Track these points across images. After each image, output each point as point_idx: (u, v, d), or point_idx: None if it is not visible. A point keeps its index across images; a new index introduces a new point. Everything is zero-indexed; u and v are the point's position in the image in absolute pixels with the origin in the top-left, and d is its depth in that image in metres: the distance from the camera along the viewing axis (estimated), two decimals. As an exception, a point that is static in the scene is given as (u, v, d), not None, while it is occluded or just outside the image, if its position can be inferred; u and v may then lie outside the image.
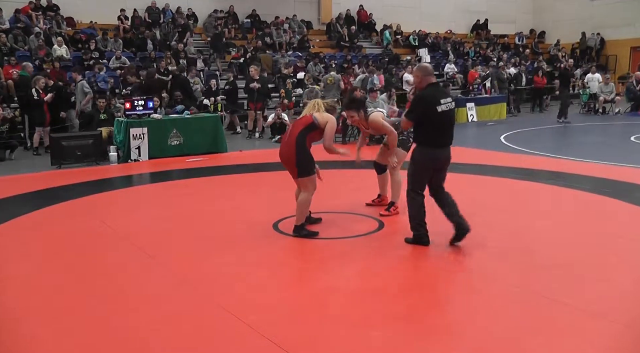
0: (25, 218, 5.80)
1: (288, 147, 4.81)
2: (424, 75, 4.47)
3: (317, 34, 20.62)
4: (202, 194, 6.96)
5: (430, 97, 4.39)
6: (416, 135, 4.54)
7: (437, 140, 4.44)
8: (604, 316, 3.29)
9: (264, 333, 3.12)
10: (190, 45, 16.25)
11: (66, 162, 8.95)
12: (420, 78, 4.48)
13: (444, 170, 4.58)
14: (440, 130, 4.43)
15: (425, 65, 4.66)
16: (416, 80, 4.57)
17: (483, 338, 3.08)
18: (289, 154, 4.80)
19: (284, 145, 4.87)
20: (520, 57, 20.75)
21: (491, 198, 6.40)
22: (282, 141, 4.93)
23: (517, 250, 4.56)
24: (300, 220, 4.91)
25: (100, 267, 4.33)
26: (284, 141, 4.91)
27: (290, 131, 4.89)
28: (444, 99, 4.40)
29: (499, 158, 9.08)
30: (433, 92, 4.43)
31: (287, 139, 4.85)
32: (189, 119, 10.20)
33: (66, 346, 3.09)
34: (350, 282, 3.96)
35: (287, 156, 4.82)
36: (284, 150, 4.87)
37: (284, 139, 4.92)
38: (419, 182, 4.50)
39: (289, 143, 4.81)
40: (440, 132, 4.43)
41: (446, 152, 4.51)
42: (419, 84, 4.52)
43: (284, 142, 4.89)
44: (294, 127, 4.90)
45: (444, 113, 4.39)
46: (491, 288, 3.76)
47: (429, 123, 4.37)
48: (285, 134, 4.98)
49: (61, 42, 13.84)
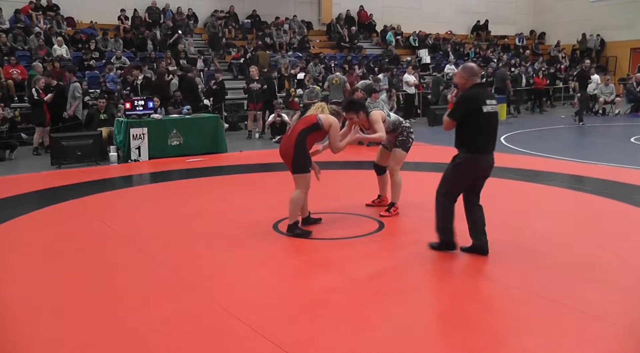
0: (25, 218, 5.80)
1: (288, 143, 4.90)
2: (469, 76, 4.26)
3: (317, 34, 20.63)
4: (202, 194, 6.96)
5: (476, 96, 4.21)
6: (459, 138, 4.30)
7: (482, 144, 4.22)
8: (604, 318, 3.29)
9: (264, 333, 3.12)
10: (191, 45, 16.26)
11: (66, 162, 8.95)
12: (466, 79, 4.27)
13: (485, 178, 4.35)
14: (486, 132, 4.23)
15: (470, 66, 4.39)
16: (461, 81, 4.34)
17: (483, 339, 3.07)
18: (287, 149, 4.90)
19: (284, 141, 4.98)
20: (521, 58, 20.77)
21: (491, 199, 6.38)
22: (284, 136, 5.04)
23: (517, 251, 4.56)
24: (293, 219, 4.96)
25: (100, 267, 4.33)
26: (285, 136, 5.02)
27: (293, 127, 5.00)
28: (489, 100, 4.23)
29: (498, 159, 9.01)
30: (478, 91, 4.26)
31: (289, 135, 4.96)
32: (189, 119, 10.20)
33: (66, 346, 3.08)
34: (350, 282, 3.96)
35: (286, 151, 4.92)
36: (283, 146, 4.97)
37: (286, 134, 5.04)
38: (456, 188, 4.30)
39: (289, 139, 4.91)
40: (485, 135, 4.23)
41: (490, 158, 4.29)
42: (463, 84, 4.31)
43: (286, 137, 5.00)
44: (297, 124, 4.99)
45: (490, 114, 4.20)
46: (491, 289, 3.76)
47: (474, 124, 4.16)
48: (288, 130, 5.09)
49: (61, 42, 13.85)
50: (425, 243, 4.78)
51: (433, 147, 10.70)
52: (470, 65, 4.39)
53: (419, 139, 11.91)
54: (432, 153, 9.93)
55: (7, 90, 11.74)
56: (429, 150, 10.37)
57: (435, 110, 14.91)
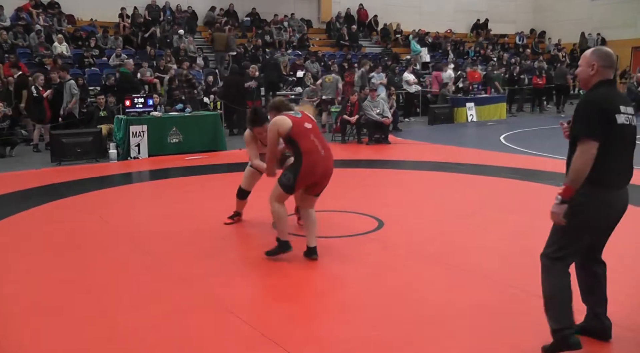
0: (24, 215, 5.81)
1: (331, 160, 4.21)
2: (603, 64, 2.77)
3: (317, 32, 20.62)
4: (201, 192, 6.97)
5: (608, 99, 2.73)
6: None
7: (614, 173, 2.73)
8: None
9: (264, 332, 3.14)
10: (191, 43, 16.25)
11: (66, 159, 8.96)
12: (597, 68, 2.77)
13: (613, 228, 2.91)
14: (620, 155, 2.74)
15: (606, 51, 2.83)
16: (587, 71, 2.80)
17: (482, 339, 3.09)
18: (332, 168, 4.24)
19: (328, 160, 4.16)
20: (521, 57, 20.77)
21: (491, 199, 6.42)
22: (320, 157, 4.10)
23: (516, 250, 4.58)
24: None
25: (100, 264, 4.34)
26: (326, 155, 4.15)
27: (322, 142, 4.19)
28: (624, 106, 2.75)
29: (498, 158, 9.09)
30: (610, 93, 2.77)
31: (327, 150, 4.18)
32: (189, 117, 10.21)
33: (64, 342, 3.10)
34: (349, 280, 3.98)
35: (331, 170, 4.22)
36: (330, 164, 4.19)
37: (322, 155, 4.12)
38: (574, 247, 2.80)
39: (331, 156, 4.21)
40: (620, 158, 2.74)
41: (625, 196, 2.83)
42: (590, 78, 2.80)
43: (327, 156, 4.16)
44: (320, 136, 4.23)
45: (625, 128, 2.72)
46: (491, 289, 3.77)
47: (604, 143, 2.65)
48: (316, 146, 4.10)
49: (61, 39, 13.85)
50: (424, 242, 4.79)
51: (432, 145, 10.72)
52: (605, 51, 2.83)
53: (418, 137, 12.01)
54: (431, 152, 9.95)
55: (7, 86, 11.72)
56: (429, 148, 10.39)
57: (434, 109, 14.93)
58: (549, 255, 2.82)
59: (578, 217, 2.70)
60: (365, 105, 11.08)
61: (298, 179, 4.06)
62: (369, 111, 10.98)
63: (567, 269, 2.80)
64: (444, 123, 14.43)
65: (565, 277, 2.79)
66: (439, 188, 7.06)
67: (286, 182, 4.11)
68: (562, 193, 2.69)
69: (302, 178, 4.07)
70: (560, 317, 2.76)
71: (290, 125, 4.05)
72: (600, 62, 2.76)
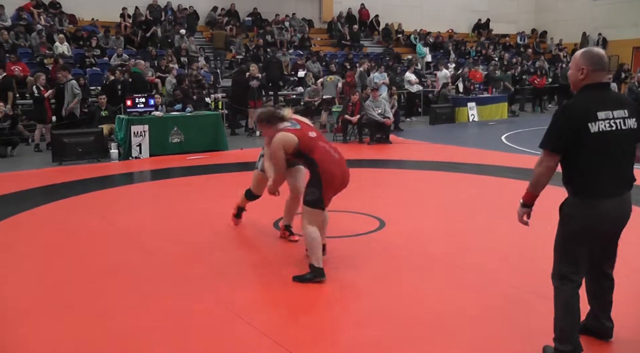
0: (26, 215, 5.81)
1: (344, 161, 4.06)
2: (593, 68, 2.66)
3: (319, 32, 20.61)
4: (202, 192, 6.96)
5: (580, 110, 2.63)
6: (565, 173, 2.82)
7: (600, 182, 2.66)
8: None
9: (265, 332, 3.13)
10: (192, 43, 16.25)
11: (67, 159, 8.96)
12: (586, 73, 2.67)
13: (614, 238, 2.86)
14: (605, 162, 2.65)
15: (597, 53, 2.70)
16: (577, 75, 2.70)
17: (483, 339, 3.08)
18: (347, 168, 4.06)
19: (342, 161, 4.01)
20: (522, 57, 20.75)
21: (492, 198, 6.41)
22: (335, 161, 3.94)
23: (517, 250, 4.58)
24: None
25: (101, 264, 4.34)
26: (340, 157, 4.01)
27: (330, 145, 4.06)
28: (607, 111, 2.63)
29: (500, 158, 9.08)
30: (588, 100, 2.66)
31: (338, 152, 4.04)
32: (190, 117, 10.21)
33: (67, 342, 3.10)
34: (352, 281, 3.97)
35: (348, 171, 4.06)
36: (345, 165, 4.03)
37: (337, 158, 3.97)
38: (567, 257, 2.75)
39: (342, 156, 4.05)
40: (605, 166, 2.65)
41: (621, 205, 2.72)
42: (579, 81, 2.71)
43: (340, 158, 4.02)
44: (325, 140, 4.11)
45: (607, 135, 2.61)
46: (493, 289, 3.77)
47: (579, 153, 2.66)
48: (328, 151, 3.96)
49: (63, 39, 13.84)
50: (426, 242, 4.79)
51: (434, 145, 10.71)
52: (597, 53, 2.70)
53: (419, 137, 12.00)
54: (433, 151, 9.94)
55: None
56: (430, 148, 10.38)
57: (436, 109, 14.92)
58: (553, 274, 2.80)
59: (566, 227, 2.75)
60: (367, 106, 11.07)
61: (323, 191, 3.85)
62: (370, 111, 10.97)
63: (575, 291, 2.72)
64: (445, 123, 14.43)
65: (572, 299, 2.71)
66: (440, 188, 7.05)
67: (313, 198, 3.87)
68: (523, 197, 2.89)
69: (327, 188, 3.88)
70: (563, 339, 2.72)
71: (296, 142, 3.88)
72: (590, 66, 2.66)
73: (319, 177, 3.85)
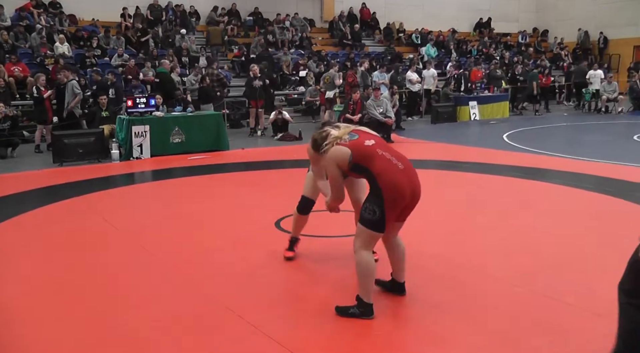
0: (26, 216, 5.79)
1: (414, 173, 3.32)
2: None
3: (320, 32, 20.58)
4: (204, 192, 6.95)
5: None
6: None
7: None
8: (608, 316, 3.26)
9: (267, 332, 3.11)
10: (193, 43, 16.24)
11: (68, 160, 8.95)
12: None
13: None
14: None
15: None
16: None
17: (487, 338, 3.06)
18: (419, 182, 3.33)
19: (410, 172, 3.28)
20: (523, 56, 20.71)
21: (493, 197, 6.38)
22: (400, 172, 3.21)
23: (519, 249, 4.55)
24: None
25: (102, 265, 4.32)
26: (406, 167, 3.27)
27: (396, 154, 3.32)
28: None
29: (501, 156, 9.05)
30: None
31: (405, 161, 3.31)
32: (191, 117, 10.20)
33: (67, 343, 3.08)
34: (352, 280, 3.94)
35: (419, 185, 3.33)
36: (415, 178, 3.30)
37: (402, 168, 3.24)
38: None
39: (411, 167, 3.33)
40: None
41: None
42: None
43: (407, 168, 3.28)
44: (390, 148, 3.39)
45: None
46: (494, 288, 3.74)
47: None
48: (389, 160, 3.24)
49: (63, 39, 13.83)
50: (429, 241, 4.76)
51: (436, 144, 10.68)
52: None
53: (421, 136, 11.97)
54: (434, 150, 9.91)
55: (8, 87, 11.73)
56: (432, 147, 10.35)
57: (437, 108, 14.89)
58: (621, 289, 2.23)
59: None
60: (368, 105, 11.05)
61: (386, 209, 3.16)
62: (372, 110, 10.94)
63: None
64: (446, 122, 14.40)
65: None
66: (442, 187, 7.02)
67: (371, 217, 3.19)
68: None
69: (390, 206, 3.17)
70: None
71: (349, 154, 3.24)
72: None
73: (380, 193, 3.16)
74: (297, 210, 4.28)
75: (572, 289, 3.69)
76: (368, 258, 3.24)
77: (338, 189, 3.47)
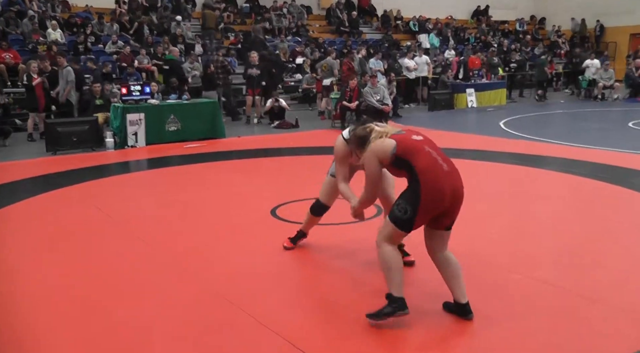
0: (20, 206, 5.73)
1: (459, 177, 3.05)
2: None
3: (317, 19, 20.43)
4: (200, 180, 6.90)
5: None
6: None
7: None
8: (602, 301, 3.27)
9: (264, 322, 3.08)
10: (188, 30, 16.08)
11: (62, 149, 8.86)
12: None
13: None
14: None
15: None
16: None
17: (482, 323, 3.04)
18: (462, 187, 3.04)
19: (454, 176, 3.01)
20: (521, 44, 20.63)
21: (490, 184, 6.36)
22: (443, 174, 2.95)
23: (516, 236, 4.54)
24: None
25: (97, 255, 4.28)
26: (450, 169, 3.01)
27: (442, 155, 3.08)
28: None
29: (498, 144, 9.03)
30: None
31: (450, 164, 3.05)
32: (187, 105, 10.11)
33: (62, 334, 3.04)
34: (351, 269, 3.92)
35: (462, 190, 3.04)
36: (459, 182, 3.03)
37: (445, 166, 3.00)
38: None
39: (456, 171, 3.06)
40: None
41: None
42: None
43: (452, 171, 3.02)
44: (436, 148, 3.14)
45: None
46: (491, 275, 3.72)
47: None
48: (435, 159, 3.00)
49: (55, 26, 13.64)
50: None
51: (432, 131, 10.60)
52: None
53: (418, 123, 11.91)
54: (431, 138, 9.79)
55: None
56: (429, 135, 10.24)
57: (435, 95, 14.83)
58: None
59: None
60: (365, 92, 10.99)
61: (420, 210, 2.90)
62: (369, 98, 10.88)
63: None
64: (444, 109, 14.35)
65: None
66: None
67: (402, 215, 2.95)
68: None
69: (425, 208, 2.91)
70: None
71: (393, 145, 2.99)
72: None
73: (419, 191, 2.90)
74: (310, 210, 4.18)
75: (567, 274, 3.70)
76: (390, 252, 3.03)
77: (373, 186, 3.22)
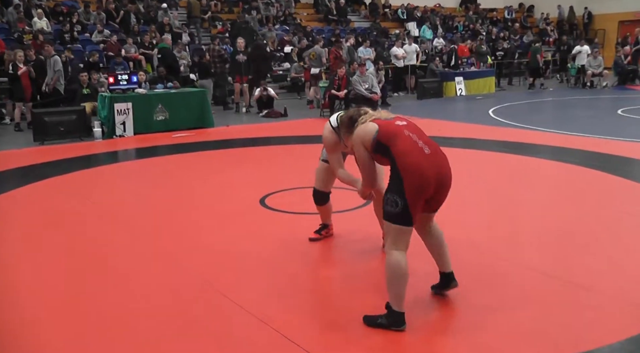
0: (6, 196, 5.68)
1: (444, 159, 2.94)
2: None
3: (305, 7, 20.29)
4: (188, 170, 6.87)
5: None
6: None
7: None
8: (591, 288, 3.31)
9: (253, 312, 3.09)
10: (175, 18, 15.91)
11: (49, 138, 8.78)
12: None
13: None
14: None
15: None
16: None
17: (471, 311, 3.07)
18: (448, 170, 2.94)
19: (438, 158, 2.89)
20: (510, 31, 20.65)
21: (479, 172, 6.39)
22: (424, 156, 2.82)
23: (505, 223, 4.57)
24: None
25: (84, 245, 4.26)
26: (433, 152, 2.89)
27: (424, 138, 2.96)
28: None
29: (487, 132, 9.06)
30: None
31: (433, 146, 2.92)
32: (175, 94, 10.04)
33: (48, 324, 3.03)
34: (341, 257, 3.93)
35: (448, 173, 2.93)
36: (444, 164, 2.91)
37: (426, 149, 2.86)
38: None
39: (440, 153, 2.94)
40: None
41: None
42: None
43: (435, 153, 2.90)
44: (419, 131, 3.03)
45: None
46: (479, 261, 3.75)
47: None
48: (415, 142, 2.87)
49: (41, 14, 13.44)
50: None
51: (420, 120, 10.62)
52: None
53: (407, 112, 11.92)
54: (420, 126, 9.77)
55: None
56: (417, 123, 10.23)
57: (423, 84, 14.83)
58: None
59: None
60: (354, 80, 10.96)
61: (408, 197, 2.73)
62: (358, 86, 10.86)
63: None
64: (433, 98, 14.36)
65: None
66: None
67: (394, 209, 2.77)
68: None
69: (413, 194, 2.74)
70: None
71: (375, 130, 2.91)
72: None
73: (399, 177, 2.76)
74: (315, 203, 4.15)
75: (556, 261, 3.72)
76: (398, 259, 2.79)
77: (368, 173, 3.07)
